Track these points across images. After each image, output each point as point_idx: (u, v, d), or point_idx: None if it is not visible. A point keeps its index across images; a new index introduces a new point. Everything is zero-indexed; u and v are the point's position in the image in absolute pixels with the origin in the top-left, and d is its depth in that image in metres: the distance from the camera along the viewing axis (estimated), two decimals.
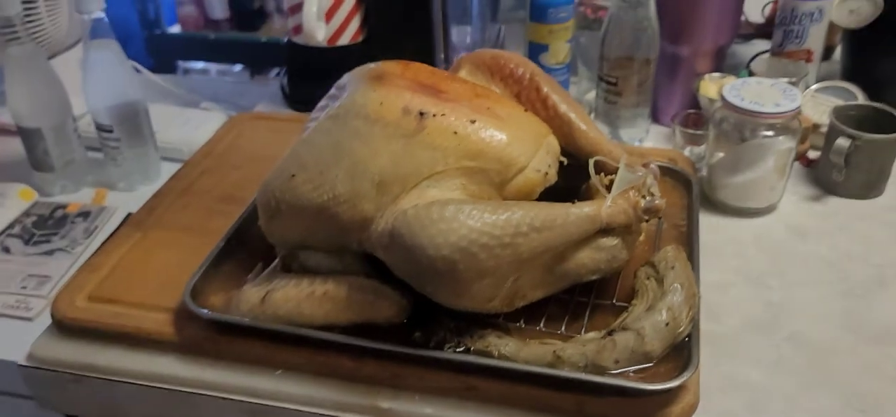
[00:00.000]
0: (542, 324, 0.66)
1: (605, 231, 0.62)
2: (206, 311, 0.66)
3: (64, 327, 0.69)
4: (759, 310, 0.74)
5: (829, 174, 0.89)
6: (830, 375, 0.67)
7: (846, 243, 0.83)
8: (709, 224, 0.84)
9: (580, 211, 0.61)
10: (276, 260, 0.71)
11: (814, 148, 0.96)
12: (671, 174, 0.84)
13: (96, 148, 0.97)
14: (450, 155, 0.62)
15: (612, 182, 0.64)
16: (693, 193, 0.81)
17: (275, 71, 1.73)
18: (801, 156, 0.95)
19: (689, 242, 0.74)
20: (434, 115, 0.63)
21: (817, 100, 1.00)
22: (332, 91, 0.71)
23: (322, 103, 0.72)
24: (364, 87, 0.65)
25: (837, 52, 1.15)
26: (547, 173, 0.65)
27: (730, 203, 0.87)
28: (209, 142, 0.98)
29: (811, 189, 0.92)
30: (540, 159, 0.65)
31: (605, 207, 0.62)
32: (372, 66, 0.69)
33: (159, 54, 1.61)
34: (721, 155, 0.86)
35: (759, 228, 0.85)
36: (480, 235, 0.57)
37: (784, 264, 0.80)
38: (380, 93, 0.64)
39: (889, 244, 0.82)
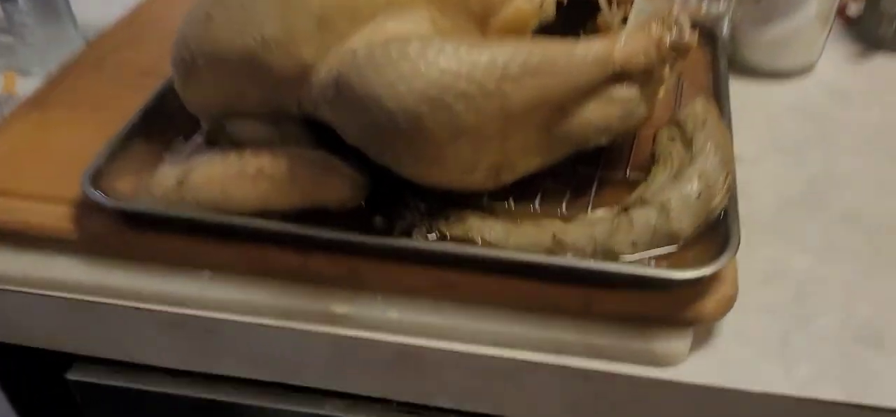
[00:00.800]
0: (536, 204, 0.53)
1: (619, 77, 0.48)
2: (108, 199, 0.52)
3: None
4: (800, 186, 0.61)
5: (876, 28, 0.75)
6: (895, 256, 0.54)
7: None
8: (735, 90, 0.69)
9: (588, 50, 0.47)
10: (198, 134, 0.57)
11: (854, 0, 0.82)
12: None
13: (5, 29, 0.83)
14: None
15: (626, 16, 0.50)
16: (718, 46, 0.67)
17: None
18: (840, 11, 0.80)
19: (717, 102, 0.60)
20: None
21: None
22: None
23: None
24: None
25: None
26: (541, 3, 0.50)
27: (760, 63, 0.73)
28: (132, 12, 0.83)
29: (853, 45, 0.79)
30: None
31: (619, 45, 0.47)
32: None
33: None
34: (747, 6, 0.71)
35: (794, 93, 0.72)
36: (456, 79, 0.42)
37: (828, 133, 0.67)
38: None
39: None
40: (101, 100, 0.67)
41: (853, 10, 0.81)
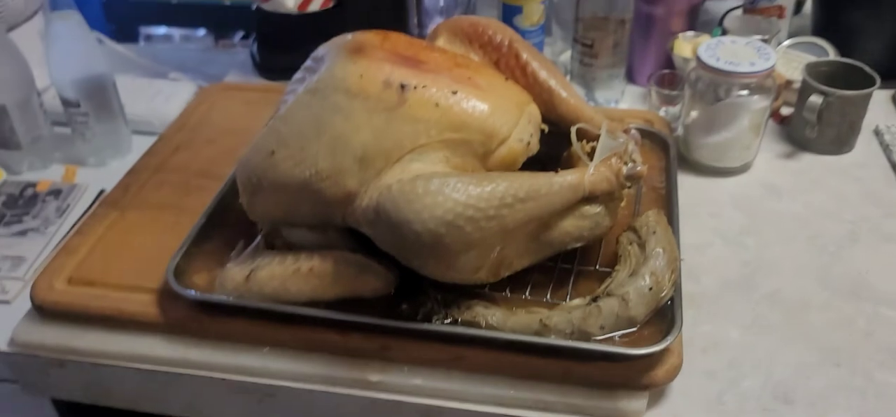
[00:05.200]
0: (527, 293, 0.67)
1: (589, 198, 0.63)
2: (191, 292, 0.66)
3: (44, 311, 0.68)
4: (736, 269, 0.75)
5: (802, 131, 0.90)
6: (806, 331, 0.68)
7: (819, 199, 0.84)
8: (685, 184, 0.85)
9: (563, 180, 0.61)
10: (259, 237, 0.70)
11: (786, 104, 0.97)
12: (648, 136, 0.85)
13: (63, 123, 0.95)
14: (432, 127, 0.62)
15: (593, 149, 0.65)
16: (670, 155, 0.82)
17: (239, 34, 1.69)
18: (774, 114, 0.96)
19: (668, 204, 0.75)
20: (415, 88, 0.62)
21: (789, 57, 1.01)
22: (309, 63, 0.70)
23: (298, 75, 0.71)
24: (343, 60, 0.64)
25: (808, 6, 1.15)
26: (529, 143, 0.65)
27: (706, 162, 0.88)
28: (181, 116, 0.97)
29: (785, 146, 0.93)
30: (522, 128, 0.65)
31: (587, 175, 0.62)
32: (350, 36, 0.68)
33: (119, 20, 1.56)
34: (696, 114, 0.87)
35: (734, 187, 0.87)
36: (466, 208, 0.57)
37: (760, 223, 0.81)
38: (360, 66, 0.63)
39: (860, 199, 0.84)
40: (166, 202, 0.81)
41: (786, 110, 0.97)
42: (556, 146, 0.70)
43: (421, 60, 0.64)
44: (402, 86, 0.62)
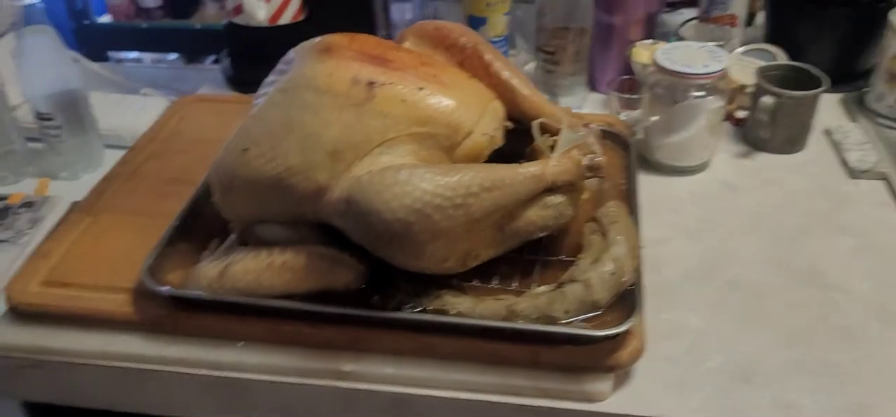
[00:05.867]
0: (494, 282, 0.69)
1: (551, 189, 0.65)
2: (166, 288, 0.67)
3: (19, 312, 0.69)
4: (696, 261, 0.78)
5: (757, 131, 0.94)
6: (764, 316, 0.71)
7: (773, 195, 0.88)
8: (646, 183, 0.88)
9: (527, 170, 0.64)
10: (232, 236, 0.72)
11: (741, 108, 1.01)
12: (610, 137, 0.88)
13: (35, 138, 0.95)
14: (400, 122, 0.64)
15: (555, 143, 0.67)
16: (631, 154, 0.85)
17: (211, 58, 1.71)
18: (730, 116, 1.00)
19: (629, 199, 0.78)
20: (383, 84, 0.64)
21: (743, 63, 1.05)
22: (280, 66, 0.72)
23: (270, 78, 0.73)
24: (312, 60, 0.67)
25: (760, 17, 1.20)
26: (493, 136, 0.68)
27: (666, 162, 0.91)
28: (153, 127, 0.98)
29: (740, 147, 0.97)
30: (486, 123, 0.67)
31: (550, 166, 0.65)
32: (318, 39, 0.70)
33: (90, 45, 1.56)
34: (656, 117, 0.90)
35: (693, 185, 0.90)
36: (434, 197, 0.59)
37: (718, 217, 0.84)
38: (328, 65, 0.66)
39: (812, 194, 0.88)
40: (139, 207, 0.82)
41: (741, 113, 1.01)
42: (519, 143, 0.73)
43: (388, 59, 0.67)
44: (371, 83, 0.64)
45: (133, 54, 1.76)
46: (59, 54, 0.90)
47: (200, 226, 0.75)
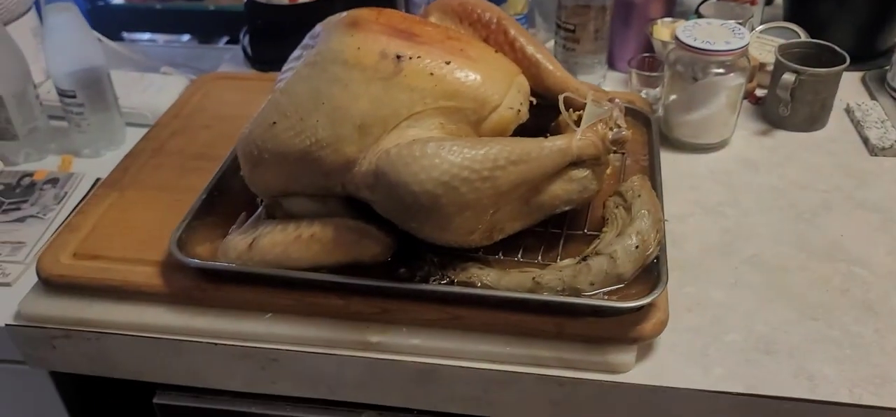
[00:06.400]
0: (519, 255, 0.70)
1: (576, 163, 0.66)
2: (194, 260, 0.68)
3: (50, 284, 0.70)
4: (716, 237, 0.79)
5: (776, 109, 0.94)
6: (785, 290, 0.72)
7: (793, 172, 0.88)
8: (667, 160, 0.88)
9: (553, 144, 0.64)
10: (260, 209, 0.73)
11: (761, 87, 1.01)
12: (631, 114, 0.88)
13: (59, 116, 0.97)
14: (427, 95, 0.65)
15: (580, 117, 0.68)
16: (652, 130, 0.85)
17: (224, 39, 1.71)
18: (749, 95, 1.00)
19: (651, 175, 0.78)
20: (411, 58, 0.65)
21: (763, 41, 1.05)
22: (306, 40, 0.73)
23: (296, 53, 0.73)
24: (340, 34, 0.67)
25: None
26: (519, 111, 0.68)
27: (686, 140, 0.91)
28: (176, 104, 0.99)
29: (760, 124, 0.97)
30: (512, 97, 0.68)
31: (575, 140, 0.65)
32: (345, 13, 0.70)
33: (104, 26, 1.57)
34: (675, 96, 0.90)
35: (713, 162, 0.90)
36: (461, 169, 0.60)
37: (738, 194, 0.85)
38: (356, 39, 0.66)
39: (832, 171, 0.88)
40: (165, 182, 0.83)
41: (760, 92, 1.01)
42: (544, 118, 0.73)
43: (415, 33, 0.67)
44: (398, 57, 0.65)
45: (146, 35, 1.77)
46: (83, 32, 0.91)
47: (227, 200, 0.76)
